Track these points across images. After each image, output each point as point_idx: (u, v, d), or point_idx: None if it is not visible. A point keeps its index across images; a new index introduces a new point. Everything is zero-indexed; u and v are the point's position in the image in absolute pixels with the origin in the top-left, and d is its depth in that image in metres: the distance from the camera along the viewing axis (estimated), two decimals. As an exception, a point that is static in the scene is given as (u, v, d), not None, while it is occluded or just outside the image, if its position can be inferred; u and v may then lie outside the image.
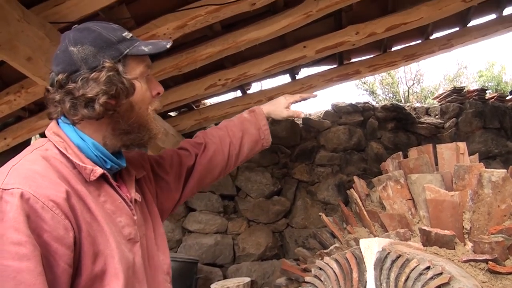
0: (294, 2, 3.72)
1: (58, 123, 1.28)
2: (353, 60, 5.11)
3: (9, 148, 4.20)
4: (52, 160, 1.17)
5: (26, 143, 4.48)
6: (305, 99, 1.98)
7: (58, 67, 1.23)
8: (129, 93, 1.25)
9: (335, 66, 5.10)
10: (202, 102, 5.88)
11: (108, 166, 1.28)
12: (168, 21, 3.31)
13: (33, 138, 4.64)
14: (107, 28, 1.27)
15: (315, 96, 2.06)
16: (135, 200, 1.36)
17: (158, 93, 1.39)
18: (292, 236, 6.25)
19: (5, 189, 1.03)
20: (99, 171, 1.22)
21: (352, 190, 3.27)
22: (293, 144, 6.52)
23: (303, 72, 5.31)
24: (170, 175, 1.63)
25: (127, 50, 1.25)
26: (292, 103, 1.93)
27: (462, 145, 2.83)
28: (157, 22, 3.32)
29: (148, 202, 1.48)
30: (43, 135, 4.02)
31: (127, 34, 1.29)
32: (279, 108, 1.91)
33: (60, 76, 1.21)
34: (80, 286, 1.11)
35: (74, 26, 1.29)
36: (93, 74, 1.19)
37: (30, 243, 0.99)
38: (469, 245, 2.32)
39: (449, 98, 7.18)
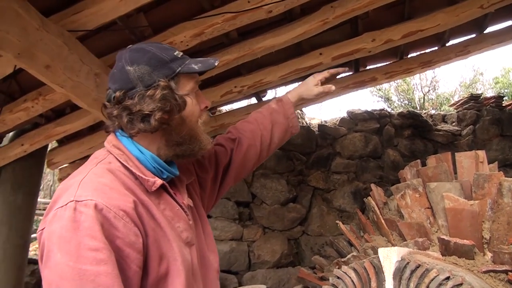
0: (311, 9, 3.72)
1: (116, 136, 1.36)
2: (369, 67, 5.07)
3: (26, 154, 4.23)
4: (117, 172, 1.26)
5: (44, 149, 4.52)
6: (333, 74, 1.98)
7: (115, 84, 1.31)
8: (181, 109, 1.33)
9: (351, 73, 5.07)
10: (218, 109, 5.89)
11: (165, 176, 1.36)
12: (185, 29, 3.32)
13: (50, 144, 4.68)
14: (160, 48, 1.35)
15: (345, 69, 2.07)
16: (188, 205, 1.43)
17: (206, 107, 1.46)
18: (308, 244, 6.22)
19: (79, 201, 1.11)
20: (158, 182, 1.30)
21: (369, 198, 3.24)
22: (308, 151, 6.51)
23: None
24: (210, 173, 1.70)
25: (179, 69, 1.33)
26: (321, 80, 1.92)
27: (482, 154, 2.80)
28: (174, 30, 3.34)
29: (196, 205, 1.54)
30: (60, 142, 4.02)
31: (178, 53, 1.37)
32: (309, 87, 1.93)
33: (117, 93, 1.29)
34: (148, 286, 1.19)
35: (129, 46, 1.38)
36: (149, 92, 1.27)
37: (107, 249, 1.07)
38: (489, 255, 2.29)
39: (466, 105, 7.13)
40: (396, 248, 2.25)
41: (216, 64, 1.41)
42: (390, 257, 2.18)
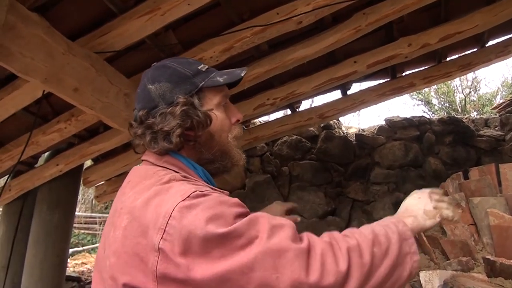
0: (342, 17, 3.62)
1: (170, 154, 1.31)
2: (406, 72, 4.91)
3: (62, 173, 4.26)
4: None
5: (79, 168, 4.56)
6: (296, 208, 2.05)
7: (139, 104, 1.31)
8: (206, 125, 1.28)
9: (388, 79, 4.92)
10: (252, 121, 5.83)
11: None
12: (214, 44, 3.30)
13: (85, 163, 4.71)
14: (182, 63, 1.33)
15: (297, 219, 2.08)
16: None
17: (238, 120, 1.42)
18: (348, 258, 6.02)
19: (202, 191, 1.08)
20: (226, 193, 1.26)
21: (409, 213, 3.09)
22: (346, 161, 6.36)
23: (355, 87, 5.17)
24: None
25: (202, 83, 1.30)
26: (286, 210, 1.97)
27: (528, 164, 2.62)
28: (203, 46, 3.32)
29: None
30: (95, 160, 4.05)
31: (202, 67, 1.34)
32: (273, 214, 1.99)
33: (141, 113, 1.28)
34: None
35: (153, 64, 1.38)
36: (169, 109, 1.24)
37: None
38: (539, 276, 2.13)
39: (509, 108, 6.79)
40: (439, 271, 2.11)
41: (242, 74, 1.36)
42: (432, 281, 2.05)
